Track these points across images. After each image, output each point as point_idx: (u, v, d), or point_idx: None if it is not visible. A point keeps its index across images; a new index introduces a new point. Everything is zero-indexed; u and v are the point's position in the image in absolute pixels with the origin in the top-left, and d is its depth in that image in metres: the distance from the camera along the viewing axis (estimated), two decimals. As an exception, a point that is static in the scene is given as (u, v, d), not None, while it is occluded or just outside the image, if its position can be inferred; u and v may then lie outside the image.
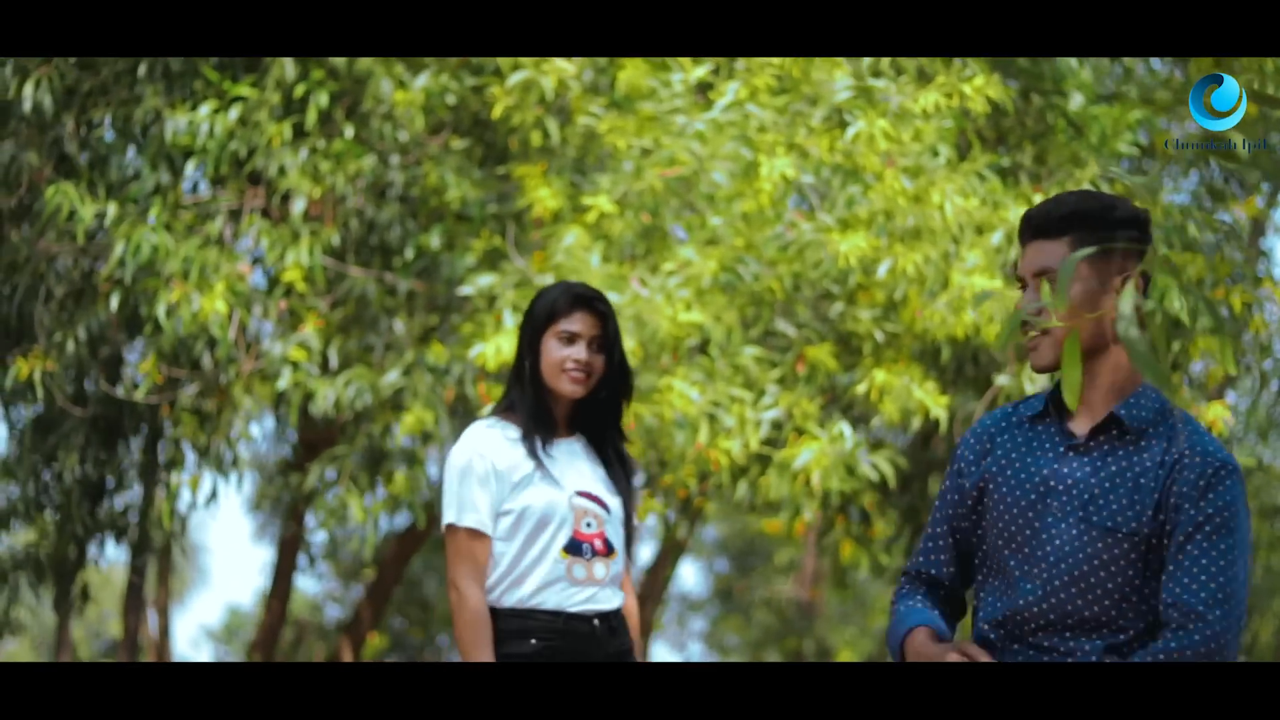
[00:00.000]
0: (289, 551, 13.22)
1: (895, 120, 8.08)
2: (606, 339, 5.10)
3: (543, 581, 5.02)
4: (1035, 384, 8.39)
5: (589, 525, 5.04)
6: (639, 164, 8.27)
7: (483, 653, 4.97)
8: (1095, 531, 3.59)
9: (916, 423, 8.41)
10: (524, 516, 5.02)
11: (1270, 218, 10.90)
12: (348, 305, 9.54)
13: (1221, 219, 10.89)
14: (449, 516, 5.06)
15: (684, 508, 9.44)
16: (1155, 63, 10.30)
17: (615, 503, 5.10)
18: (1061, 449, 3.68)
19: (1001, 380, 8.90)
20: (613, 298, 8.00)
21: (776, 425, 8.59)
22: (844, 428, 8.27)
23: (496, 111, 8.54)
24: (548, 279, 8.06)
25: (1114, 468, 3.62)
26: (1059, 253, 3.60)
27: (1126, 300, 2.85)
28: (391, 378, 8.98)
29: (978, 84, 8.02)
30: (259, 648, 13.04)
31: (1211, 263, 9.27)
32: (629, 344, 7.93)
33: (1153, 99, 9.58)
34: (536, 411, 5.09)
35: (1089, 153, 8.88)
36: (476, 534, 5.06)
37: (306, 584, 26.79)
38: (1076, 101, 9.05)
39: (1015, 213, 8.16)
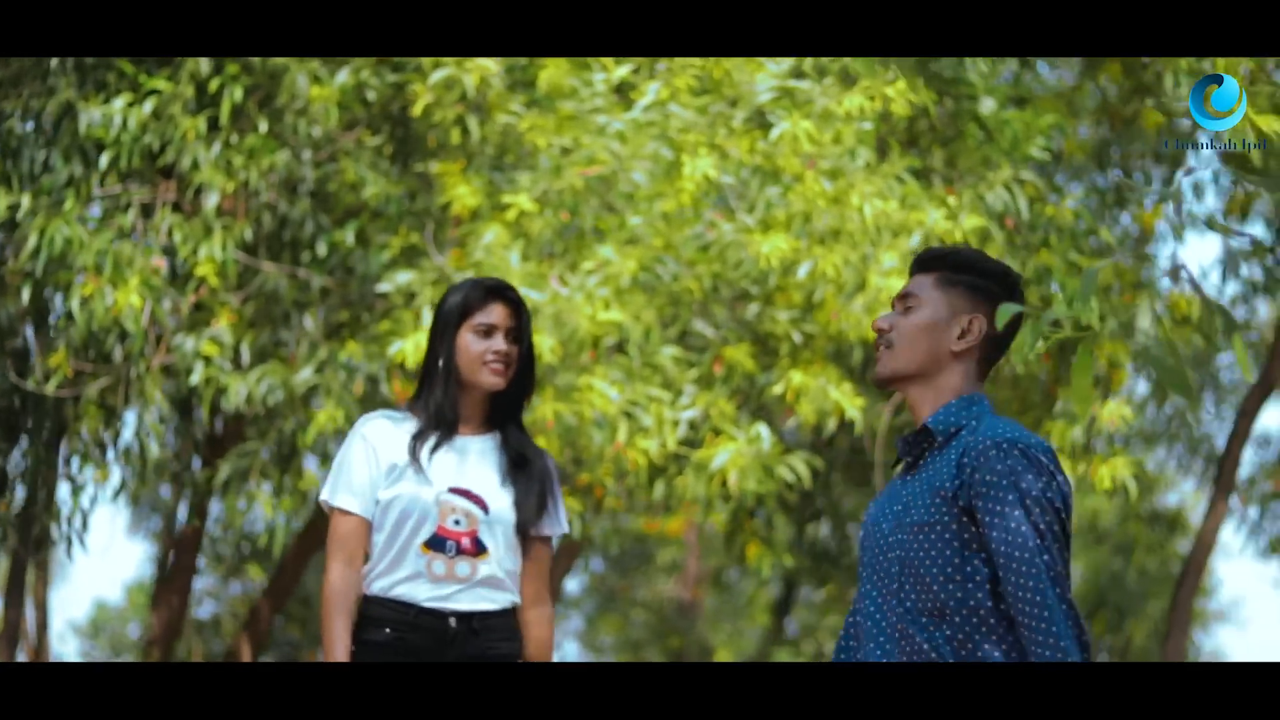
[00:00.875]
0: (189, 548, 13.10)
1: (819, 122, 8.15)
2: (520, 329, 5.11)
3: (403, 573, 5.00)
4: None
5: (457, 523, 4.99)
6: (559, 163, 8.29)
7: (331, 631, 4.98)
8: (910, 531, 3.81)
9: (832, 424, 8.48)
10: (391, 507, 5.02)
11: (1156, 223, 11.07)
12: (259, 300, 9.48)
13: (1121, 222, 11.08)
14: (323, 494, 5.09)
15: (598, 508, 9.46)
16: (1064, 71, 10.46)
17: (502, 506, 5.03)
18: (898, 482, 3.96)
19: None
20: (533, 296, 8.02)
21: (694, 425, 8.63)
22: (761, 429, 8.33)
23: (418, 109, 8.52)
24: (467, 276, 8.06)
25: (924, 474, 3.86)
26: (923, 284, 3.96)
27: (1145, 315, 2.93)
28: (305, 375, 8.94)
29: (900, 87, 8.11)
30: (158, 644, 12.90)
31: (1117, 268, 9.43)
32: (549, 342, 7.94)
33: (1067, 104, 9.73)
34: (443, 409, 5.06)
35: (1000, 156, 8.99)
36: (346, 514, 5.05)
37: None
38: (988, 106, 9.16)
39: (932, 215, 8.25)
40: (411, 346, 8.00)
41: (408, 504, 5.04)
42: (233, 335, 9.09)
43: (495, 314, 5.05)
